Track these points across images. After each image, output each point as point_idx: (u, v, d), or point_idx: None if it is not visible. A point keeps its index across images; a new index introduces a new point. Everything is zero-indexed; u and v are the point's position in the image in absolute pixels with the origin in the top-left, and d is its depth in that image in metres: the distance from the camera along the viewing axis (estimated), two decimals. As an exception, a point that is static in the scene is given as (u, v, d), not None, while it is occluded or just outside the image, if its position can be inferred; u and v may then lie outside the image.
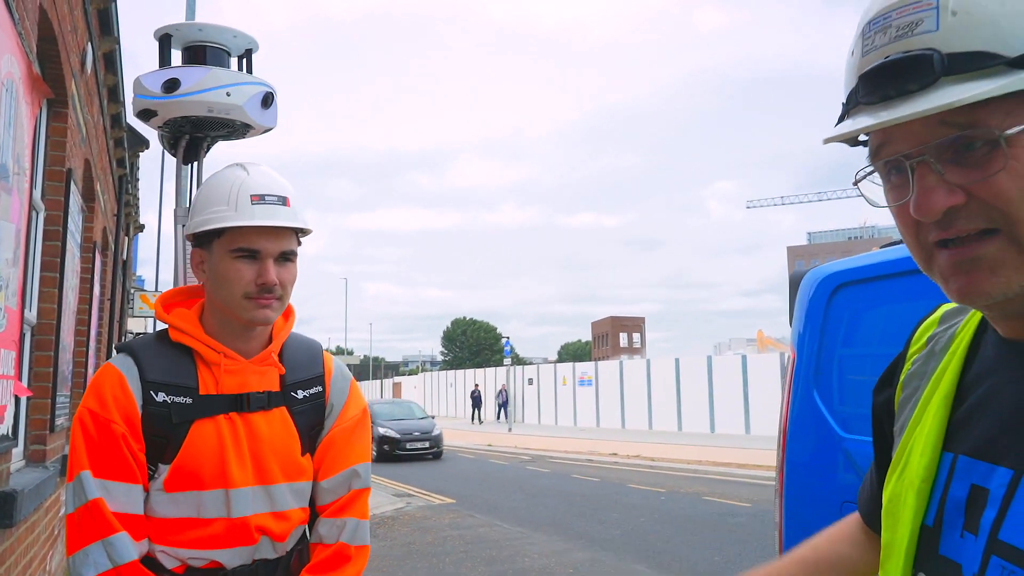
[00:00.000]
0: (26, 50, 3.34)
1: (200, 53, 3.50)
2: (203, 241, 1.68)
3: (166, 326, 1.72)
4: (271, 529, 1.65)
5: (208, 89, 3.34)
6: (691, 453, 18.71)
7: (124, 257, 12.90)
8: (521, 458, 19.90)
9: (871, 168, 0.78)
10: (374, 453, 17.85)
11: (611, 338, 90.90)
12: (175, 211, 3.72)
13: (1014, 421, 0.74)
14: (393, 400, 28.08)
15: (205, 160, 3.86)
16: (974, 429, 0.78)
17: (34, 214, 4.74)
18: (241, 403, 1.65)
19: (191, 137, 3.64)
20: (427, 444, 19.82)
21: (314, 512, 1.77)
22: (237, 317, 1.66)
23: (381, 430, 19.21)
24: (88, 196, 7.03)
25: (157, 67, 3.65)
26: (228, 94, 3.35)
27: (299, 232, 1.71)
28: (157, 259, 23.11)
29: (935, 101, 0.67)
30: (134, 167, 11.51)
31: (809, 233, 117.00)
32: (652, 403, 29.43)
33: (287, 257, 1.68)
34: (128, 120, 9.12)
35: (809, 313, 2.64)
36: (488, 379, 43.28)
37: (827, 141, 0.79)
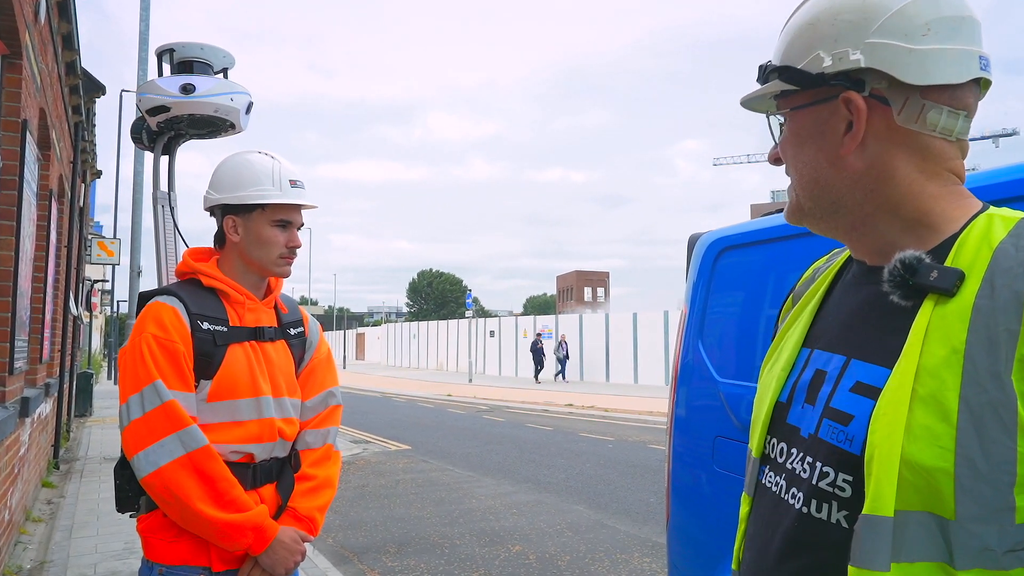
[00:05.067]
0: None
1: (188, 66, 4.17)
2: (242, 211, 2.11)
3: (164, 281, 2.12)
4: (285, 431, 2.12)
5: (218, 94, 4.02)
6: (644, 404, 19.30)
7: (81, 204, 12.86)
8: (479, 408, 20.37)
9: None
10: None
11: (576, 292, 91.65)
12: (153, 194, 4.28)
13: (849, 321, 1.02)
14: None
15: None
16: (825, 329, 1.07)
17: (-10, 164, 4.88)
18: (258, 334, 2.13)
19: (174, 134, 4.28)
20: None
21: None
22: (265, 270, 2.15)
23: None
24: (44, 145, 7.11)
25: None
26: (232, 99, 4.04)
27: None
28: (115, 205, 22.86)
29: (744, 98, 1.10)
30: (90, 113, 11.43)
31: (773, 191, 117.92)
32: (610, 356, 30.06)
33: (300, 227, 2.20)
34: (83, 66, 9.09)
35: (699, 273, 2.96)
36: (451, 331, 43.62)
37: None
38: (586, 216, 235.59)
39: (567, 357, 30.87)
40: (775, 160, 1.09)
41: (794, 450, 1.02)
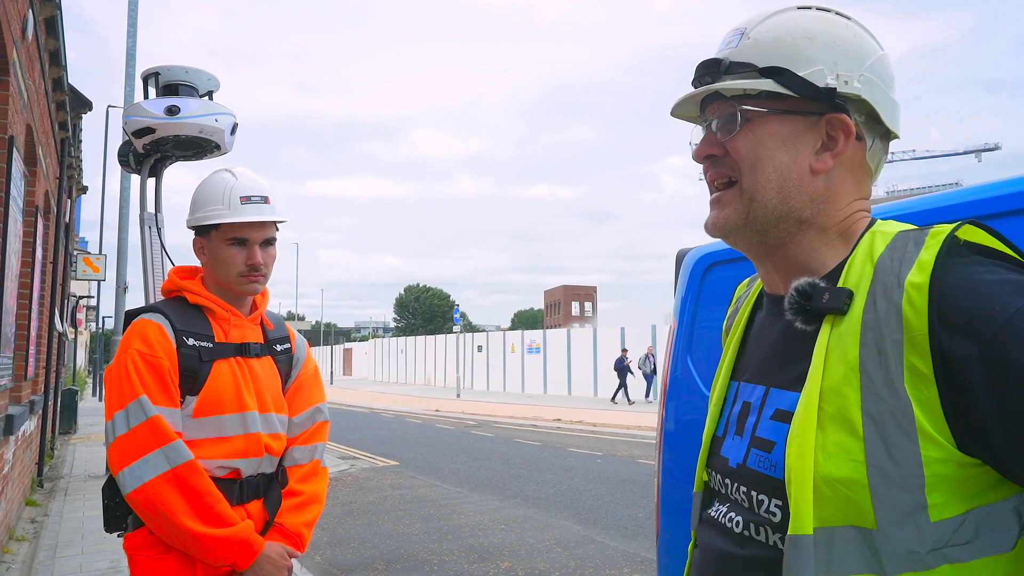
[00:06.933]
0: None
1: (174, 89, 4.19)
2: (203, 232, 2.13)
3: (153, 298, 2.12)
4: (272, 447, 2.12)
5: (203, 115, 4.06)
6: (632, 419, 19.29)
7: (67, 220, 12.78)
8: (467, 423, 20.30)
9: (700, 127, 1.11)
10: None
11: (563, 307, 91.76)
12: (140, 215, 4.30)
13: (766, 352, 1.06)
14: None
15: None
16: (748, 362, 1.11)
17: (-24, 181, 4.86)
18: (243, 350, 2.14)
19: (160, 156, 4.30)
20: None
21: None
22: (233, 289, 2.14)
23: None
24: (30, 161, 7.09)
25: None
26: (216, 120, 4.07)
27: (276, 222, 2.20)
28: (101, 221, 22.74)
29: (709, 86, 1.03)
30: (77, 129, 11.39)
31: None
32: (598, 370, 30.05)
33: (269, 243, 2.17)
34: (69, 82, 9.06)
35: (687, 288, 2.98)
36: (439, 346, 43.50)
37: (672, 113, 1.13)
38: (572, 231, 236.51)
39: (654, 372, 25.89)
40: (705, 157, 1.06)
41: (728, 480, 1.05)
